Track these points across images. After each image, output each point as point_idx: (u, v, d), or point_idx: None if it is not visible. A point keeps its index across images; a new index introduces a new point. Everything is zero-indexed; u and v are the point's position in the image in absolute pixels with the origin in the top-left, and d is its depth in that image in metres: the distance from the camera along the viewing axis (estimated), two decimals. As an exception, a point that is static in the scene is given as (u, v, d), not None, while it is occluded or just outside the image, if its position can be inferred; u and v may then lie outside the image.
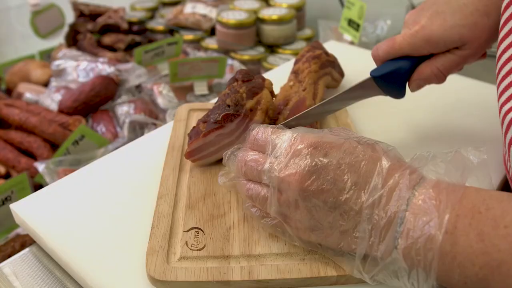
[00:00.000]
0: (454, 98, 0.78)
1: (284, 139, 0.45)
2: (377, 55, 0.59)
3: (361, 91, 0.60)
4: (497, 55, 0.52)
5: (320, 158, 0.42)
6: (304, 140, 0.44)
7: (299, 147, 0.43)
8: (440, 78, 0.58)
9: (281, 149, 0.44)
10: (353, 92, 0.60)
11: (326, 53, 0.77)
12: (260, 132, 0.48)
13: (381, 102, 0.77)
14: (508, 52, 0.49)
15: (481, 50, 0.56)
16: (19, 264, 0.55)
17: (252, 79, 0.62)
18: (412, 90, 0.60)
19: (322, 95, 0.71)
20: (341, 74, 0.80)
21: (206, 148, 0.58)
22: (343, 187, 0.41)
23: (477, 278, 0.37)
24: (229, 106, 0.58)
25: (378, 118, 0.73)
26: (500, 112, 0.50)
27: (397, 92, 0.59)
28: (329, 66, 0.76)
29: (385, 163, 0.42)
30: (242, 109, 0.58)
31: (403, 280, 0.40)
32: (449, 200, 0.38)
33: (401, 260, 0.39)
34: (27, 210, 0.56)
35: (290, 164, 0.43)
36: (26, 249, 0.57)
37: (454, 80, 0.84)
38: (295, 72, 0.74)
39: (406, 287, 0.40)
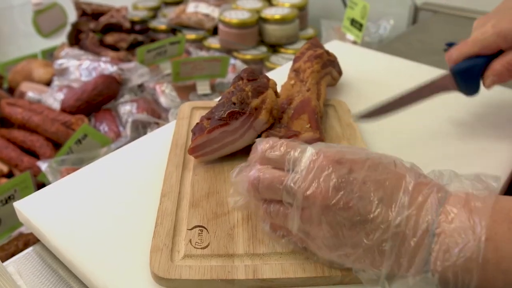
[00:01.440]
0: (457, 99, 0.78)
1: (306, 155, 0.44)
2: (451, 55, 0.65)
3: (439, 85, 0.66)
4: None
5: (345, 175, 0.41)
6: (327, 156, 0.43)
7: (322, 163, 0.42)
8: (510, 72, 0.61)
9: (303, 165, 0.43)
10: (431, 86, 0.66)
11: (327, 52, 0.77)
12: (272, 146, 0.46)
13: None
14: None
15: None
16: (23, 263, 0.55)
17: (257, 78, 0.62)
18: (487, 86, 0.64)
19: (325, 95, 0.71)
20: (340, 72, 0.80)
21: (209, 145, 0.58)
22: (369, 204, 0.40)
23: None
24: (234, 103, 0.58)
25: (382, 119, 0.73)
26: None
27: (472, 88, 0.64)
28: (330, 65, 0.76)
29: (409, 179, 0.41)
30: (247, 107, 0.58)
31: None
32: (482, 219, 0.37)
33: (435, 284, 0.38)
34: (31, 208, 0.56)
35: (314, 181, 0.42)
36: (30, 248, 0.57)
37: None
38: (295, 71, 0.74)
39: None
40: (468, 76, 0.63)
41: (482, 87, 0.65)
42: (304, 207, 0.42)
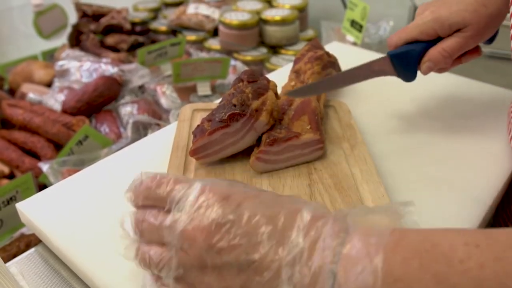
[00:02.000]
0: (456, 100, 0.79)
1: (191, 190, 0.38)
2: (391, 40, 0.67)
3: (376, 67, 0.66)
4: None
5: (232, 209, 0.36)
6: (214, 190, 0.38)
7: (207, 198, 0.37)
8: (446, 59, 0.63)
9: (187, 202, 0.38)
10: (368, 68, 0.66)
11: (328, 54, 0.78)
12: (159, 182, 0.40)
13: (385, 103, 0.78)
14: None
15: (480, 35, 0.63)
16: (25, 264, 0.55)
17: (257, 80, 0.62)
18: (423, 72, 0.65)
19: (325, 96, 0.72)
20: None
21: (210, 147, 0.59)
22: (257, 242, 0.35)
23: None
24: (235, 105, 0.58)
25: (382, 119, 0.73)
26: None
27: (409, 73, 0.66)
28: (330, 66, 0.76)
29: (306, 214, 0.36)
30: (248, 109, 0.58)
31: None
32: (379, 243, 0.33)
33: None
34: (33, 210, 0.56)
35: (195, 217, 0.37)
36: (32, 249, 0.57)
37: (457, 82, 0.84)
38: (296, 72, 0.74)
39: None
40: (405, 60, 0.65)
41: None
42: (185, 249, 0.37)
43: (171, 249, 0.37)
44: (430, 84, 0.82)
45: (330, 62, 0.77)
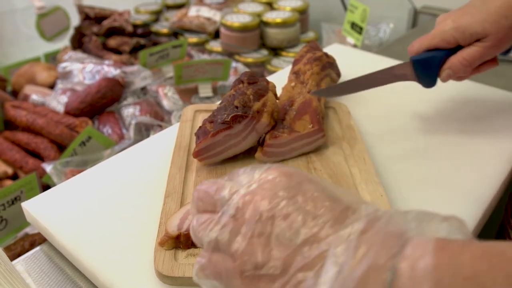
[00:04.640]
0: (455, 102, 0.80)
1: (255, 172, 0.39)
2: (412, 46, 0.68)
3: (398, 71, 0.68)
4: None
5: (294, 184, 0.36)
6: (278, 169, 0.38)
7: (272, 173, 0.37)
8: (466, 67, 0.65)
9: (250, 178, 0.38)
10: (390, 71, 0.69)
11: (326, 55, 0.79)
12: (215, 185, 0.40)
13: (384, 106, 0.78)
14: None
15: (499, 45, 0.64)
16: (31, 262, 0.56)
17: (257, 81, 0.63)
18: (442, 79, 0.67)
19: (325, 98, 0.73)
20: (338, 74, 0.82)
21: (213, 148, 0.60)
22: (311, 220, 0.35)
23: None
24: (237, 107, 0.59)
25: (381, 121, 0.74)
26: None
27: (429, 79, 0.68)
28: (329, 67, 0.78)
29: (364, 211, 0.35)
30: (249, 110, 0.59)
31: None
32: (441, 244, 0.31)
33: None
34: (39, 209, 0.58)
35: (259, 186, 0.37)
36: (38, 247, 0.58)
37: (455, 84, 0.85)
38: (295, 73, 0.75)
39: None
40: (426, 66, 0.67)
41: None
42: (237, 216, 0.36)
43: (225, 212, 0.37)
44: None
45: (329, 63, 0.78)
